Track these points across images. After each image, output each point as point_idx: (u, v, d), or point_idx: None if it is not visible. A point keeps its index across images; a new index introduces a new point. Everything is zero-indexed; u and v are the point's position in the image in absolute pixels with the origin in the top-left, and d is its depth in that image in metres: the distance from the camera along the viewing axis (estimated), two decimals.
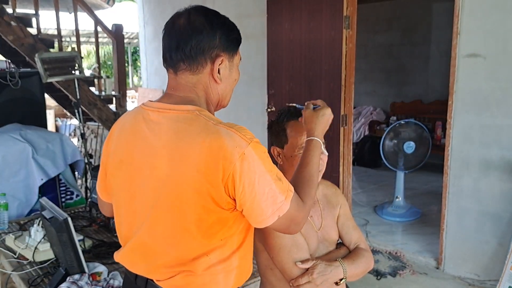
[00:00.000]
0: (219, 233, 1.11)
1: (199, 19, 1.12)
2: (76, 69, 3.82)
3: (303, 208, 1.13)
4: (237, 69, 1.22)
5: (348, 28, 3.58)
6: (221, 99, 1.20)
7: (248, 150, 1.03)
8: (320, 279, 1.32)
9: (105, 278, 1.98)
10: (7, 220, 2.69)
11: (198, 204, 1.06)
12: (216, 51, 1.13)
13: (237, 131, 1.05)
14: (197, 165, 1.04)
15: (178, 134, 1.07)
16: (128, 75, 14.25)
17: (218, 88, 1.17)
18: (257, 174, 1.04)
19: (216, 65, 1.13)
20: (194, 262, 1.11)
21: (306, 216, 1.15)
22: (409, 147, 4.32)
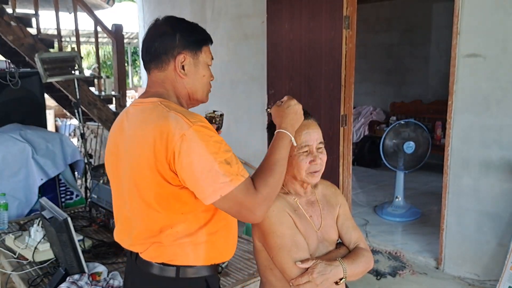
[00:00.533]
0: (176, 207, 1.23)
1: (163, 25, 1.32)
2: (76, 69, 3.82)
3: (254, 194, 1.18)
4: (205, 66, 1.35)
5: (348, 28, 3.58)
6: (191, 93, 1.34)
7: (189, 132, 1.15)
8: (320, 279, 1.32)
9: (104, 278, 1.98)
10: (7, 220, 2.69)
11: (153, 180, 1.21)
12: (177, 50, 1.29)
13: (183, 116, 1.19)
14: (150, 146, 1.20)
15: (142, 122, 1.25)
16: (128, 75, 14.25)
17: (184, 82, 1.32)
18: (196, 154, 1.14)
19: (177, 61, 1.30)
20: (161, 234, 1.26)
21: (261, 204, 1.19)
22: (409, 147, 4.32)
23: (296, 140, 1.39)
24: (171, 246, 1.27)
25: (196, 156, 1.14)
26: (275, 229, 1.37)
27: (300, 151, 1.40)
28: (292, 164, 1.41)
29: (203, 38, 1.34)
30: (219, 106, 5.40)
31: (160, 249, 1.28)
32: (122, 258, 2.25)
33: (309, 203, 1.48)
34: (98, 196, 2.75)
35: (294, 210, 1.43)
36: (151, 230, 1.27)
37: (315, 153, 1.41)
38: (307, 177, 1.41)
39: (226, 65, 5.20)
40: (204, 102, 1.42)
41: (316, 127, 1.44)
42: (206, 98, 1.41)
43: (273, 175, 1.23)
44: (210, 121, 1.49)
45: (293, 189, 1.47)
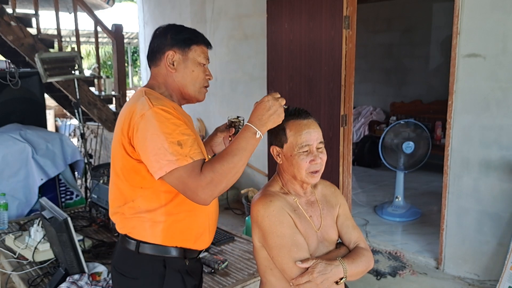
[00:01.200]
0: (136, 180, 1.37)
1: (159, 29, 1.50)
2: (76, 69, 3.82)
3: (197, 177, 1.25)
4: (194, 63, 1.46)
5: (348, 28, 3.58)
6: (181, 87, 1.47)
7: (148, 113, 1.30)
8: (320, 278, 1.32)
9: (104, 278, 1.98)
10: (7, 220, 2.69)
11: (120, 153, 1.38)
12: (166, 48, 1.45)
13: (149, 100, 1.34)
14: (121, 124, 1.38)
15: (124, 106, 1.45)
16: (128, 75, 14.25)
17: (174, 76, 1.46)
18: (150, 132, 1.28)
19: (166, 57, 1.45)
20: (125, 205, 1.41)
21: (204, 188, 1.24)
22: (408, 147, 4.32)
23: (297, 139, 1.40)
24: (131, 218, 1.41)
25: (149, 133, 1.28)
26: (275, 229, 1.37)
27: (300, 150, 1.40)
28: (292, 163, 1.41)
29: (192, 37, 1.47)
30: (219, 106, 5.45)
31: (123, 221, 1.43)
32: None
33: (309, 203, 1.48)
34: (98, 196, 2.75)
35: (294, 210, 1.43)
36: (118, 200, 1.44)
37: (315, 153, 1.41)
38: (307, 177, 1.41)
39: (226, 65, 5.20)
40: (199, 100, 1.50)
41: (316, 126, 1.44)
42: (200, 95, 1.49)
43: (222, 163, 1.26)
44: (230, 125, 1.57)
45: (293, 189, 1.47)
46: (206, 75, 1.49)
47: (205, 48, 1.50)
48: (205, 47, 1.50)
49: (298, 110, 1.46)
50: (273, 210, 1.38)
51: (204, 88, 1.50)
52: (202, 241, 1.49)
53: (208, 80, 1.50)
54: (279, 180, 1.50)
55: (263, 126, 1.32)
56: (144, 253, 1.40)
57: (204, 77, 1.49)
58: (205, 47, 1.50)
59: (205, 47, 1.50)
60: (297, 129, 1.41)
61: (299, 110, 1.46)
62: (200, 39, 1.49)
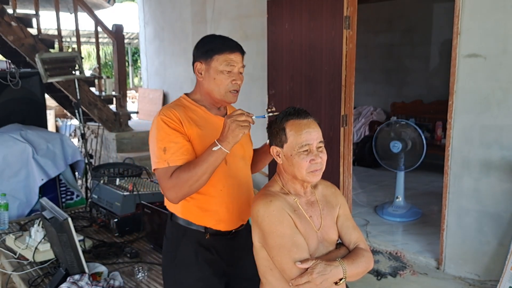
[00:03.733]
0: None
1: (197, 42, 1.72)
2: (76, 70, 3.83)
3: (166, 180, 1.52)
4: (216, 72, 1.64)
5: (348, 28, 3.58)
6: (208, 91, 1.67)
7: (155, 119, 1.59)
8: (319, 279, 1.32)
9: (105, 279, 1.98)
10: (8, 220, 2.69)
11: None
12: (196, 59, 1.68)
13: (163, 108, 1.62)
14: None
15: None
16: (129, 76, 14.25)
17: (203, 83, 1.67)
18: (151, 135, 1.59)
19: (195, 67, 1.68)
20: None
21: (169, 189, 1.52)
22: (395, 146, 4.33)
23: (297, 139, 1.40)
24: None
25: (151, 136, 1.60)
26: (275, 229, 1.37)
27: (300, 150, 1.40)
28: (293, 163, 1.41)
29: (214, 48, 1.64)
30: None
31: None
32: (122, 258, 2.25)
33: (309, 203, 1.48)
34: (98, 196, 2.75)
35: (294, 210, 1.43)
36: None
37: (315, 152, 1.41)
38: (307, 176, 1.41)
39: None
40: (229, 102, 1.69)
41: (316, 126, 1.44)
42: (227, 98, 1.66)
43: (186, 171, 1.50)
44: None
45: (293, 189, 1.47)
46: (232, 80, 1.64)
47: (229, 56, 1.63)
48: (230, 54, 1.64)
49: (298, 110, 1.46)
50: (273, 210, 1.38)
51: (230, 92, 1.66)
52: (221, 224, 1.66)
53: (235, 84, 1.65)
54: (279, 180, 1.50)
55: (223, 141, 1.48)
56: (174, 221, 1.69)
57: (228, 82, 1.64)
58: (230, 54, 1.64)
59: (230, 54, 1.64)
60: (297, 129, 1.41)
61: (298, 110, 1.46)
62: (223, 49, 1.64)
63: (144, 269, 2.11)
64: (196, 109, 1.66)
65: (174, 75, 6.25)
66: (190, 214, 1.66)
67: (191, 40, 5.78)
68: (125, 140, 5.31)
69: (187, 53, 5.90)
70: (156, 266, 2.18)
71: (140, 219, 2.51)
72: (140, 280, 2.03)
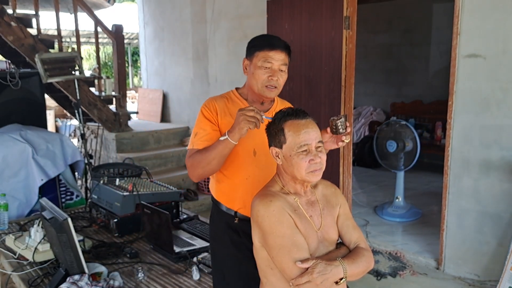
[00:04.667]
0: None
1: None
2: (76, 70, 3.82)
3: (187, 159, 1.76)
4: (255, 67, 1.76)
5: (348, 28, 3.58)
6: (251, 86, 1.80)
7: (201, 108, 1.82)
8: (320, 279, 1.31)
9: (105, 279, 1.98)
10: (7, 221, 2.69)
11: None
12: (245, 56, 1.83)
13: (209, 98, 1.85)
14: None
15: None
16: (128, 76, 14.25)
17: (248, 78, 1.82)
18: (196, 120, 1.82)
19: (243, 63, 1.83)
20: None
21: (188, 168, 1.76)
22: (390, 146, 4.34)
23: (296, 139, 1.40)
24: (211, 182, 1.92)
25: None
26: (275, 229, 1.37)
27: (299, 150, 1.40)
28: (292, 163, 1.41)
29: (256, 45, 1.78)
30: None
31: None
32: (122, 259, 2.25)
33: (309, 203, 1.48)
34: (98, 197, 2.75)
35: (294, 210, 1.43)
36: None
37: (314, 152, 1.41)
38: (307, 176, 1.41)
39: (226, 66, 5.20)
40: (266, 97, 1.78)
41: (314, 126, 1.44)
42: (264, 93, 1.76)
43: (200, 155, 1.71)
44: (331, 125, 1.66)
45: (293, 189, 1.47)
46: (269, 76, 1.73)
47: (268, 53, 1.73)
48: (269, 51, 1.73)
49: (296, 110, 1.46)
50: (273, 210, 1.38)
51: (266, 87, 1.75)
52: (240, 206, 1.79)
53: (271, 80, 1.73)
54: (279, 181, 1.50)
55: (230, 133, 1.63)
56: (212, 200, 1.89)
57: (265, 78, 1.73)
58: (269, 52, 1.73)
59: (269, 51, 1.73)
60: (295, 129, 1.41)
61: (297, 110, 1.46)
62: (263, 46, 1.75)
63: (144, 269, 2.10)
64: (237, 102, 1.82)
65: (174, 75, 6.25)
66: (221, 196, 1.83)
67: (191, 40, 5.78)
68: (125, 140, 5.31)
69: (186, 53, 5.90)
70: (156, 266, 2.18)
71: (140, 219, 2.51)
72: (139, 280, 2.03)
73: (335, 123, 1.63)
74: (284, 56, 1.77)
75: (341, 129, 1.63)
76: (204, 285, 1.96)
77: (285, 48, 1.78)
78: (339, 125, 1.63)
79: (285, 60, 1.77)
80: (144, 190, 2.70)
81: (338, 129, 1.63)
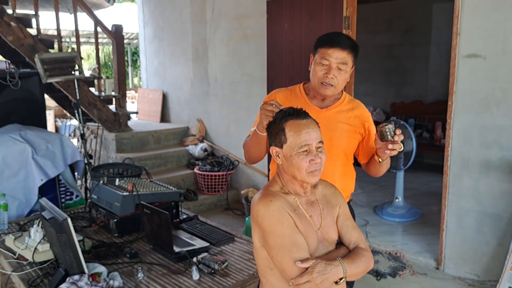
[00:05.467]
0: None
1: None
2: (76, 70, 3.82)
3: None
4: (315, 63, 1.78)
5: (348, 28, 3.58)
6: (311, 81, 1.84)
7: None
8: (320, 279, 1.31)
9: (104, 279, 1.98)
10: (7, 221, 2.68)
11: None
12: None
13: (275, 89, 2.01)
14: None
15: None
16: (128, 76, 14.25)
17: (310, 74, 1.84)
18: None
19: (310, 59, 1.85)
20: None
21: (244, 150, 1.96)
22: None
23: (297, 139, 1.40)
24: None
25: None
26: (275, 229, 1.37)
27: (300, 150, 1.40)
28: (292, 163, 1.41)
29: (319, 41, 1.77)
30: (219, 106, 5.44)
31: None
32: (122, 259, 2.25)
33: (309, 203, 1.48)
34: (98, 197, 2.74)
35: (294, 210, 1.43)
36: None
37: (314, 152, 1.41)
38: (307, 176, 1.41)
39: (226, 66, 5.20)
40: (320, 93, 1.82)
41: (315, 126, 1.44)
42: (319, 89, 1.79)
43: (246, 141, 1.92)
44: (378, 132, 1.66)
45: (293, 189, 1.47)
46: (324, 73, 1.74)
47: (327, 50, 1.73)
48: (328, 49, 1.72)
49: (297, 110, 1.46)
50: (273, 209, 1.38)
51: (321, 84, 1.76)
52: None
53: (326, 77, 1.74)
54: (279, 180, 1.50)
55: (258, 125, 1.72)
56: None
57: (321, 75, 1.75)
58: (328, 49, 1.73)
59: (328, 49, 1.72)
60: (296, 129, 1.41)
61: (298, 110, 1.46)
62: (324, 43, 1.74)
63: (144, 269, 2.10)
64: (299, 96, 1.88)
65: (173, 75, 6.25)
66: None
67: (191, 40, 5.78)
68: (125, 140, 5.31)
69: (186, 53, 5.90)
70: (156, 266, 2.18)
71: (140, 219, 2.51)
72: (139, 281, 2.03)
73: (381, 130, 1.60)
74: (345, 55, 1.73)
75: (388, 136, 1.59)
76: (204, 285, 1.96)
77: (347, 47, 1.74)
78: (386, 131, 1.59)
79: (345, 59, 1.74)
80: (144, 190, 2.70)
81: (384, 136, 1.60)
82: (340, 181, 1.88)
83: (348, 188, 2.02)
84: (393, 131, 1.59)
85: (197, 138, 5.67)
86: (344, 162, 1.93)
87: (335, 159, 1.87)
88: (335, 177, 1.84)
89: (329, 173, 1.79)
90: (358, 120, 1.89)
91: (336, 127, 1.86)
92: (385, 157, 1.74)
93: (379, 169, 1.88)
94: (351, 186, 2.05)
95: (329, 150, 1.72)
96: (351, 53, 1.75)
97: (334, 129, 1.86)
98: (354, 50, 1.76)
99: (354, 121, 1.89)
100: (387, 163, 1.84)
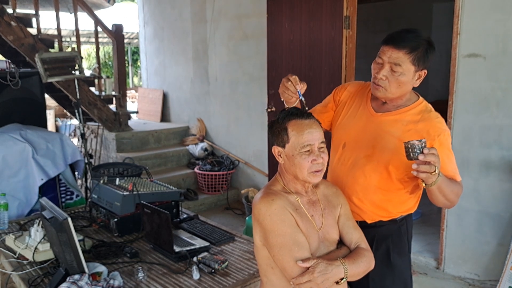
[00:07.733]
0: None
1: None
2: (76, 69, 3.82)
3: None
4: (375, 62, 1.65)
5: (348, 28, 3.58)
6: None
7: None
8: (321, 278, 1.32)
9: (105, 278, 1.98)
10: (7, 220, 2.68)
11: None
12: None
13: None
14: None
15: None
16: (128, 75, 14.25)
17: None
18: None
19: None
20: None
21: None
22: None
23: (299, 139, 1.41)
24: None
25: None
26: (276, 228, 1.37)
27: (302, 150, 1.40)
28: (294, 163, 1.41)
29: (384, 39, 1.63)
30: (219, 106, 5.45)
31: None
32: (122, 258, 2.25)
33: (310, 202, 1.48)
34: (98, 196, 2.74)
35: (295, 209, 1.43)
36: None
37: (316, 152, 1.41)
38: (309, 177, 1.41)
39: (226, 65, 5.20)
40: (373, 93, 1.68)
41: (317, 126, 1.44)
42: (372, 89, 1.67)
43: None
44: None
45: (295, 189, 1.47)
46: (376, 71, 1.62)
47: (383, 47, 1.59)
48: (384, 45, 1.60)
49: (300, 110, 1.46)
50: (275, 209, 1.38)
51: (373, 84, 1.64)
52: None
53: (375, 77, 1.63)
54: (280, 180, 1.50)
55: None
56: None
57: (373, 73, 1.64)
58: (384, 46, 1.59)
59: (384, 45, 1.60)
60: (299, 129, 1.41)
61: (300, 110, 1.46)
62: (385, 39, 1.61)
63: (144, 269, 2.10)
64: (364, 95, 1.76)
65: (173, 75, 6.25)
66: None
67: (191, 40, 5.78)
68: (125, 140, 5.31)
69: (186, 53, 5.90)
70: (156, 266, 2.18)
71: (140, 219, 2.51)
72: (139, 280, 2.03)
73: (405, 145, 1.38)
74: (400, 55, 1.52)
75: (411, 153, 1.37)
76: (204, 284, 1.96)
77: (405, 46, 1.52)
78: (408, 147, 1.37)
79: (400, 60, 1.53)
80: (144, 189, 2.70)
81: (407, 153, 1.38)
82: (375, 195, 1.66)
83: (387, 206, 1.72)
84: (418, 149, 1.35)
85: (197, 138, 5.67)
86: (384, 177, 1.63)
87: (373, 170, 1.64)
88: (368, 190, 1.65)
89: (361, 181, 1.66)
90: (417, 136, 1.50)
91: (382, 137, 1.62)
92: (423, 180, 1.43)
93: (431, 195, 1.60)
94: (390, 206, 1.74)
95: (369, 158, 1.64)
96: (409, 54, 1.52)
97: (380, 138, 1.62)
98: (414, 51, 1.52)
99: (412, 136, 1.51)
100: (441, 189, 1.50)
